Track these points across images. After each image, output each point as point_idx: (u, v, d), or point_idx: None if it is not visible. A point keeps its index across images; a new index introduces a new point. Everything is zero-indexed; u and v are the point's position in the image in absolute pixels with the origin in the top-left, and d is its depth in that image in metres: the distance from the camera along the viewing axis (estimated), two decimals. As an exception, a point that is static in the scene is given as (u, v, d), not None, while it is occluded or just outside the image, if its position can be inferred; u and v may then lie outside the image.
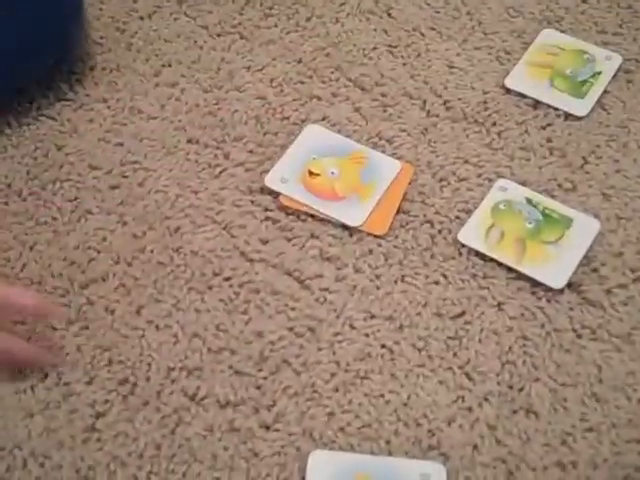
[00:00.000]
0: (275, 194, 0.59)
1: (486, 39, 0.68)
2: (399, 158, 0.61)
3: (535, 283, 0.55)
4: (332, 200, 0.58)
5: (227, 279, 0.55)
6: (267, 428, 0.50)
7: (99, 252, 0.57)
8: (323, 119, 0.63)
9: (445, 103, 0.64)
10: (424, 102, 0.64)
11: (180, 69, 0.67)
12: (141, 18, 0.70)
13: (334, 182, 0.59)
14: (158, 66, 0.67)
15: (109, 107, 0.64)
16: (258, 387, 0.51)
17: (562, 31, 0.68)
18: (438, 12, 0.70)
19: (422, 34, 0.69)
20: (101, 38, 0.69)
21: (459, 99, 0.64)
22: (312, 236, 0.57)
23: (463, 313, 0.54)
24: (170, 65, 0.67)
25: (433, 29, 0.69)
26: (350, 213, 0.57)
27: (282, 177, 0.59)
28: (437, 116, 0.63)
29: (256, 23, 0.70)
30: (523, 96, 0.64)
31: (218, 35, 0.69)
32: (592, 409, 0.50)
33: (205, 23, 0.70)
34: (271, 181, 0.59)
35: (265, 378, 0.51)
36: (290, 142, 0.62)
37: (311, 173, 0.59)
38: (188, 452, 0.49)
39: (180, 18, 0.70)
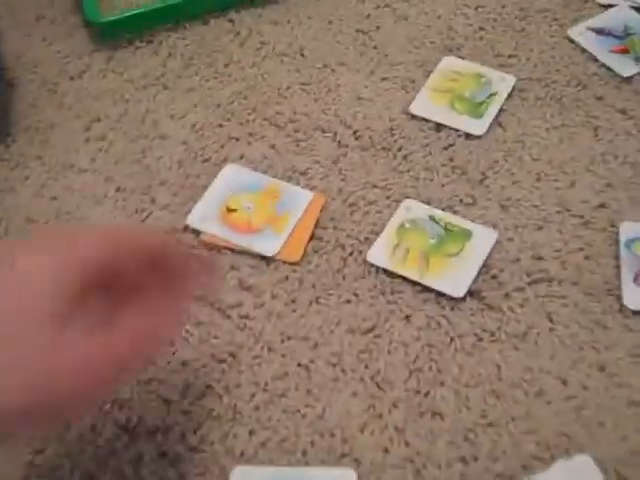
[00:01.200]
0: (197, 232, 0.63)
1: (392, 70, 0.73)
2: (312, 188, 0.65)
3: (439, 294, 0.59)
4: (248, 233, 0.62)
5: (154, 315, 0.60)
6: (193, 450, 0.54)
7: (37, 300, 0.61)
8: (241, 158, 0.68)
9: (355, 133, 0.69)
10: (335, 134, 0.69)
11: (108, 123, 0.72)
12: (71, 78, 0.75)
13: (250, 216, 0.63)
14: (88, 122, 0.72)
15: (43, 164, 0.69)
16: (184, 413, 0.55)
17: (462, 57, 0.73)
18: (347, 48, 0.75)
19: (333, 70, 0.74)
20: (35, 100, 0.74)
21: (367, 128, 0.69)
22: (232, 268, 0.61)
23: (373, 328, 0.58)
24: (99, 120, 0.72)
25: (343, 64, 0.74)
26: (265, 244, 0.62)
27: (202, 216, 0.64)
28: (347, 146, 0.68)
29: (178, 73, 0.75)
30: (427, 121, 0.69)
31: (143, 87, 0.74)
32: (492, 406, 0.54)
33: (131, 77, 0.75)
34: (192, 220, 0.63)
35: (191, 404, 0.55)
36: (211, 182, 0.66)
37: (229, 209, 0.64)
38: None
39: (107, 75, 0.75)
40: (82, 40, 0.78)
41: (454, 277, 0.59)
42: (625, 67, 0.71)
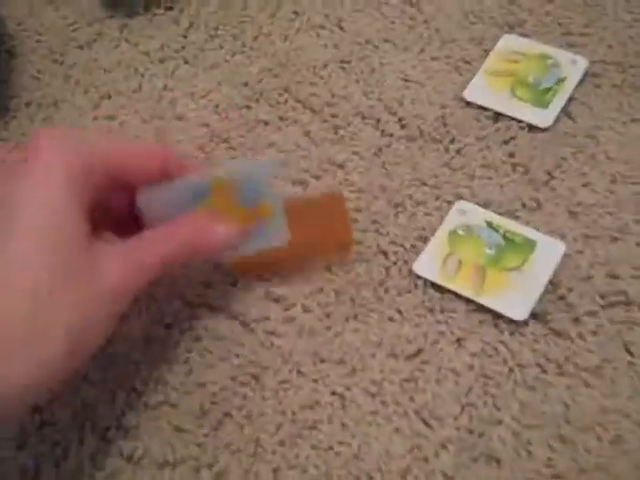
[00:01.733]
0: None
1: (444, 48, 0.64)
2: (351, 184, 0.57)
3: (497, 315, 0.51)
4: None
5: (167, 326, 0.52)
6: (208, 490, 0.46)
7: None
8: (270, 145, 0.60)
9: (400, 120, 0.60)
10: (378, 121, 0.60)
11: (120, 100, 0.63)
12: (80, 48, 0.67)
13: None
14: (97, 98, 0.64)
15: (46, 145, 0.61)
16: (199, 444, 0.48)
17: (525, 35, 0.64)
18: (393, 22, 0.66)
19: (376, 46, 0.65)
20: (38, 72, 0.66)
21: (415, 116, 0.60)
22: (258, 276, 0.53)
23: (419, 352, 0.50)
24: (110, 97, 0.64)
25: (387, 41, 0.65)
26: (271, 233, 0.49)
27: None
28: (391, 135, 0.59)
29: (200, 46, 0.66)
30: (483, 108, 0.60)
31: (160, 61, 0.66)
32: (559, 453, 0.46)
33: (147, 49, 0.66)
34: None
35: (206, 435, 0.48)
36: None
37: None
38: (123, 521, 0.45)
39: (121, 45, 0.67)
40: (93, 5, 0.70)
41: (515, 296, 0.51)
42: None
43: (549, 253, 0.52)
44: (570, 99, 0.60)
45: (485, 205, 0.55)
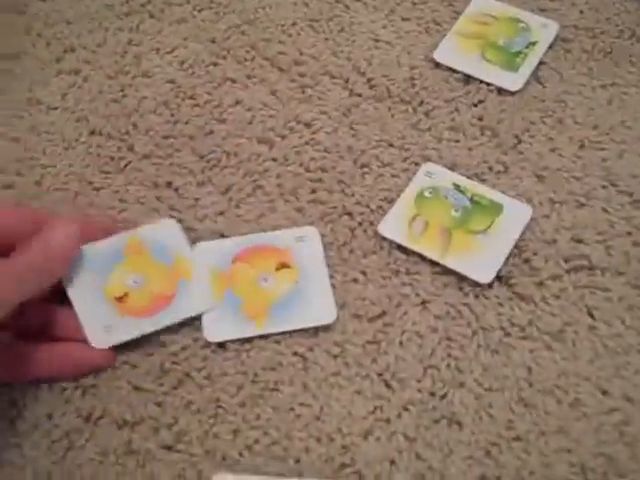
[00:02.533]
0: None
1: (415, 9, 0.63)
2: (317, 143, 0.56)
3: (462, 277, 0.50)
4: (164, 306, 0.49)
5: (128, 285, 0.51)
6: (167, 449, 0.46)
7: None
8: (236, 103, 0.58)
9: (369, 81, 0.59)
10: (346, 81, 0.59)
11: (84, 54, 0.62)
12: (43, -1, 0.65)
13: (148, 289, 0.49)
14: (60, 51, 0.62)
15: (6, 99, 0.59)
16: (158, 404, 0.47)
17: (496, -2, 0.63)
18: (364, -19, 0.65)
19: (346, 6, 0.64)
20: (-1, 23, 0.64)
21: (384, 76, 0.59)
22: (221, 234, 0.53)
23: (383, 314, 0.50)
24: (73, 50, 0.62)
25: (358, 0, 0.64)
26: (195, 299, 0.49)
27: (106, 326, 0.48)
28: (360, 96, 0.59)
29: (167, 0, 0.65)
30: (453, 71, 0.59)
31: (126, 15, 0.64)
32: (520, 416, 0.46)
33: (112, 2, 0.64)
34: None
35: (166, 394, 0.47)
36: (202, 130, 0.57)
37: (118, 299, 0.49)
38: (80, 479, 0.45)
39: (85, -3, 0.65)
40: (58, -45, 0.68)
41: (480, 259, 0.50)
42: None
43: (515, 217, 0.52)
44: (540, 63, 0.59)
45: (452, 167, 0.55)
